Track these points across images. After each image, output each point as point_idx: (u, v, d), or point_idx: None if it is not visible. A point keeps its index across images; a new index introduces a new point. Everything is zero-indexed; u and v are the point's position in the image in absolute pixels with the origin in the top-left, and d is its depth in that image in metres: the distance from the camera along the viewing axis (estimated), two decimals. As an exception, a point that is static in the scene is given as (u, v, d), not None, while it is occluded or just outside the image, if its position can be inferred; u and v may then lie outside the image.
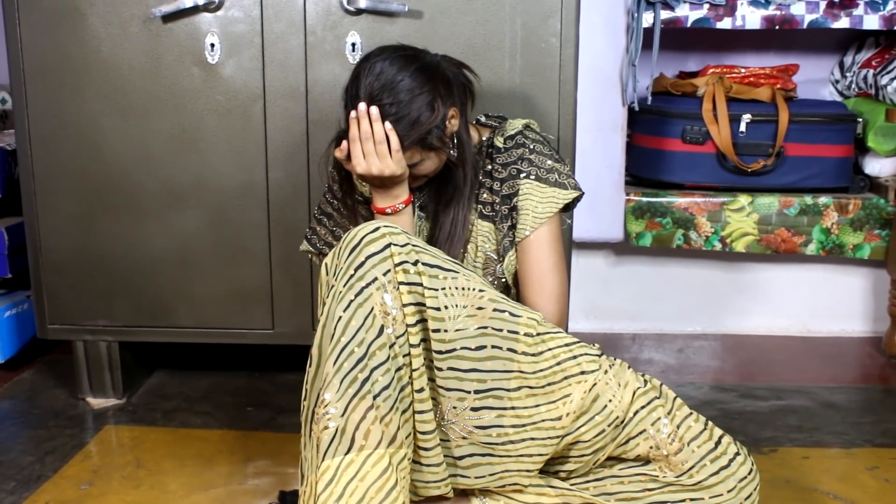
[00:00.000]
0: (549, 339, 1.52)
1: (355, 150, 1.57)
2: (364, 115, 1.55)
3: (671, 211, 2.57)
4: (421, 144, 1.60)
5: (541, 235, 1.68)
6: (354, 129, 1.56)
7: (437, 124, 1.59)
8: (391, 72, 1.57)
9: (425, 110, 1.58)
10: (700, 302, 2.81)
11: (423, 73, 1.59)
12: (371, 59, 1.60)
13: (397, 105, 1.56)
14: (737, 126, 2.55)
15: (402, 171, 1.60)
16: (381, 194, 1.64)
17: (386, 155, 1.57)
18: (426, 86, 1.58)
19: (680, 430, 1.55)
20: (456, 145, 1.66)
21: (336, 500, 1.40)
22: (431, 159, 1.64)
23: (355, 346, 1.43)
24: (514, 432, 1.52)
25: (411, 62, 1.59)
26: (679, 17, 2.50)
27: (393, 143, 1.56)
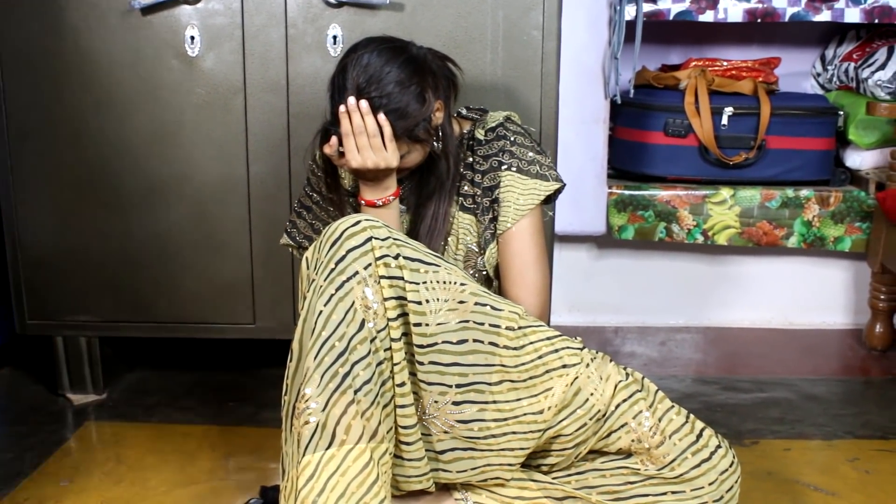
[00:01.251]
0: (531, 332, 1.52)
1: (349, 145, 1.56)
2: (354, 109, 1.54)
3: (653, 204, 2.57)
4: (408, 137, 1.59)
5: (522, 227, 1.68)
6: (346, 124, 1.55)
7: (424, 117, 1.59)
8: (378, 63, 1.56)
9: (413, 102, 1.57)
10: (682, 295, 2.81)
11: (411, 64, 1.58)
12: (358, 50, 1.59)
13: (386, 97, 1.55)
14: (719, 119, 2.55)
15: (397, 163, 1.59)
16: (371, 187, 1.63)
17: (380, 147, 1.56)
18: (414, 78, 1.58)
19: (661, 424, 1.55)
20: (440, 138, 1.65)
21: (317, 494, 1.39)
22: (417, 152, 1.63)
23: (336, 341, 1.43)
24: (495, 426, 1.51)
25: (399, 54, 1.58)
26: (661, 10, 2.50)
27: (387, 133, 1.55)
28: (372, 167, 1.57)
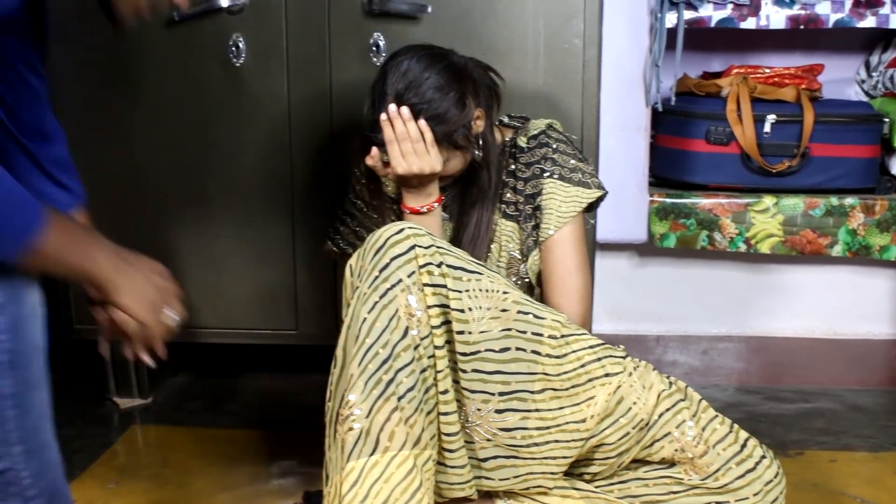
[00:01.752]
0: (574, 341, 1.52)
1: (394, 152, 1.57)
2: (396, 116, 1.55)
3: (695, 212, 2.55)
4: (447, 142, 1.60)
5: (564, 235, 1.68)
6: (389, 131, 1.56)
7: (464, 123, 1.59)
8: (418, 69, 1.57)
9: (452, 108, 1.58)
10: (725, 303, 2.79)
11: (451, 71, 1.59)
12: (398, 57, 1.60)
13: (426, 103, 1.56)
14: (761, 127, 2.52)
15: (441, 167, 1.60)
16: (414, 194, 1.64)
17: (424, 152, 1.57)
18: (453, 84, 1.59)
19: (705, 433, 1.54)
20: (481, 146, 1.66)
21: (361, 501, 1.40)
22: (457, 159, 1.64)
23: (380, 348, 1.43)
24: (538, 435, 1.51)
25: (438, 60, 1.60)
26: (703, 17, 2.48)
27: (428, 138, 1.56)
28: (417, 172, 1.57)
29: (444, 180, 1.68)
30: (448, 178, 1.68)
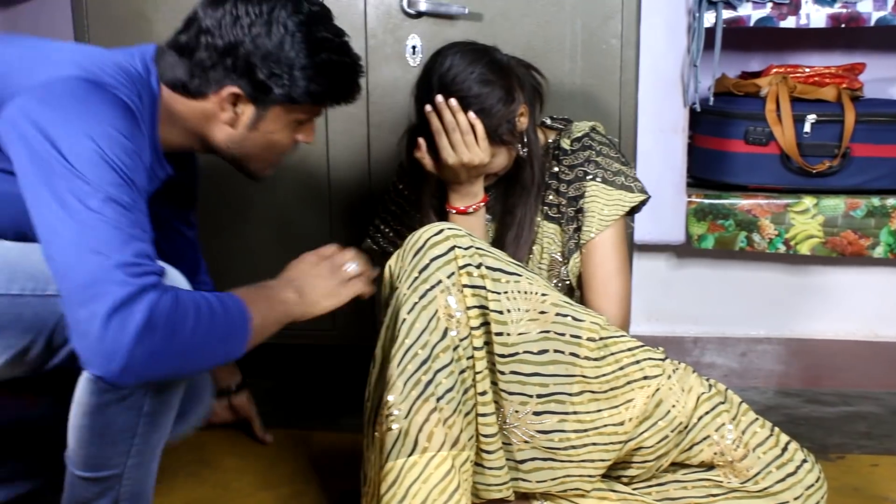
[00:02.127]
0: (612, 343, 1.51)
1: (442, 142, 1.58)
2: (444, 107, 1.56)
3: (734, 213, 2.53)
4: (492, 137, 1.60)
5: (606, 238, 1.68)
6: (436, 121, 1.57)
7: (508, 118, 1.60)
8: (463, 64, 1.58)
9: (497, 102, 1.59)
10: (764, 305, 2.76)
11: (495, 66, 1.60)
12: (443, 53, 1.61)
13: (473, 97, 1.57)
14: (801, 127, 2.50)
15: (489, 161, 1.60)
16: (460, 194, 1.65)
17: (474, 144, 1.58)
18: (499, 79, 1.60)
19: (745, 436, 1.53)
20: (525, 144, 1.66)
21: (399, 501, 1.40)
22: (501, 155, 1.64)
23: (419, 349, 1.44)
24: (575, 437, 1.51)
25: (483, 56, 1.61)
26: (741, 17, 2.46)
27: (479, 130, 1.57)
28: (467, 162, 1.58)
29: (487, 179, 1.68)
30: (492, 176, 1.68)
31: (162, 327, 1.15)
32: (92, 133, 1.20)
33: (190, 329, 1.18)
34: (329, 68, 1.39)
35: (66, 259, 1.15)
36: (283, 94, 1.37)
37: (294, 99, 1.38)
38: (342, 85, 1.43)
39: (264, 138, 1.44)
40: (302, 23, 1.35)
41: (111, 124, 1.23)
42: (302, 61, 1.36)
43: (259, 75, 1.35)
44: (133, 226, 1.18)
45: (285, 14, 1.34)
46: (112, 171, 1.20)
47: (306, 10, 1.36)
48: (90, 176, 1.18)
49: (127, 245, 1.16)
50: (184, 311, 1.18)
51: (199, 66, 1.36)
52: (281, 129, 1.44)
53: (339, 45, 1.40)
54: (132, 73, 1.37)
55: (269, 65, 1.34)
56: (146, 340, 1.13)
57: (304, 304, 1.41)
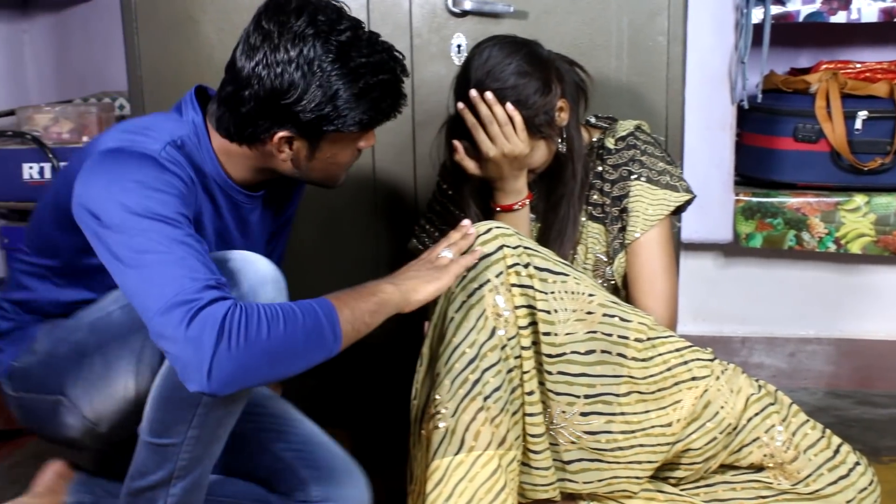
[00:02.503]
0: (660, 343, 1.50)
1: (480, 136, 1.57)
2: (479, 101, 1.55)
3: (782, 211, 2.50)
4: (529, 129, 1.59)
5: (651, 238, 1.66)
6: (471, 117, 1.57)
7: (545, 110, 1.59)
8: (500, 56, 1.58)
9: (533, 93, 1.58)
10: (813, 305, 2.72)
11: (533, 57, 1.60)
12: (481, 46, 1.62)
13: (509, 88, 1.56)
14: (852, 123, 2.46)
15: (529, 153, 1.59)
16: (504, 191, 1.64)
17: (513, 135, 1.57)
18: (537, 70, 1.59)
19: (795, 438, 1.51)
20: (566, 140, 1.65)
21: (445, 499, 1.41)
22: (539, 149, 1.63)
23: (467, 347, 1.44)
24: (623, 438, 1.50)
25: (520, 48, 1.60)
26: (790, 12, 2.43)
27: (517, 122, 1.57)
28: (508, 153, 1.57)
29: (528, 175, 1.67)
30: (532, 172, 1.67)
31: (237, 333, 1.20)
32: (116, 195, 1.31)
33: (266, 334, 1.23)
34: (371, 92, 1.39)
35: (139, 301, 1.26)
36: (332, 129, 1.40)
37: (344, 129, 1.41)
38: (388, 103, 1.43)
39: (326, 163, 1.48)
40: (335, 59, 1.36)
41: (131, 178, 1.32)
42: (343, 95, 1.37)
43: (304, 118, 1.38)
44: (182, 253, 1.26)
45: (315, 54, 1.35)
46: (141, 217, 1.28)
47: (335, 44, 1.36)
48: (127, 228, 1.28)
49: (182, 269, 1.24)
50: (258, 317, 1.23)
51: (246, 118, 1.40)
52: (340, 151, 1.47)
53: (375, 65, 1.39)
54: (172, 123, 1.47)
55: (312, 106, 1.37)
56: (224, 345, 1.19)
57: (402, 292, 1.40)
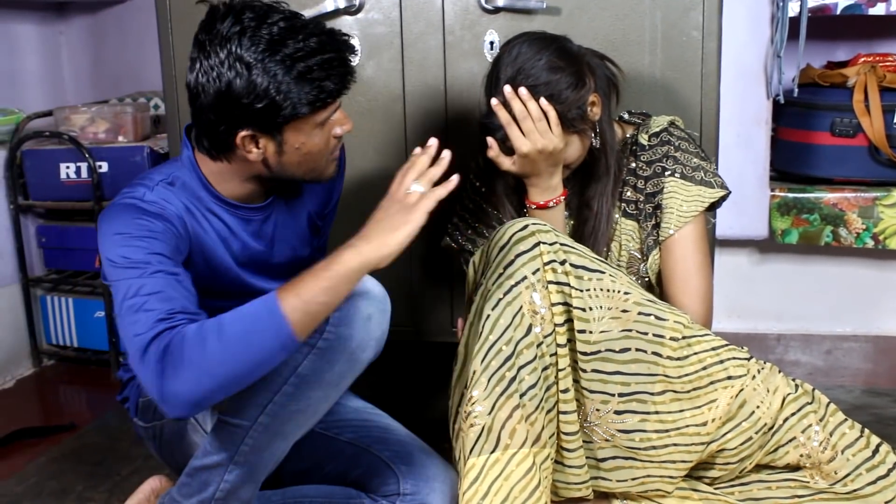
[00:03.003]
0: (696, 342, 1.49)
1: (514, 133, 1.57)
2: (513, 97, 1.55)
3: (819, 207, 2.47)
4: (563, 123, 1.58)
5: (686, 234, 1.65)
6: (504, 113, 1.56)
7: (578, 104, 1.58)
8: (530, 53, 1.58)
9: (565, 88, 1.57)
10: (850, 301, 2.69)
11: (563, 52, 1.60)
12: (511, 43, 1.61)
13: (542, 84, 1.56)
14: (891, 117, 2.42)
15: (563, 146, 1.59)
16: (539, 188, 1.63)
17: (547, 130, 1.56)
18: (568, 66, 1.58)
19: (833, 438, 1.49)
20: (598, 134, 1.64)
21: (481, 498, 1.40)
22: (573, 144, 1.62)
23: (503, 345, 1.43)
24: (657, 437, 1.49)
25: (551, 43, 1.60)
26: (828, 5, 2.40)
27: (552, 117, 1.56)
28: (543, 149, 1.56)
29: (563, 171, 1.67)
30: (566, 168, 1.66)
31: (176, 358, 1.27)
32: (103, 252, 1.43)
33: (202, 350, 1.27)
34: (311, 73, 1.41)
35: None
36: (285, 116, 1.42)
37: (296, 115, 1.43)
38: (334, 80, 1.44)
39: (298, 153, 1.49)
40: (265, 49, 1.39)
41: (113, 232, 1.43)
42: (284, 80, 1.39)
43: (255, 111, 1.41)
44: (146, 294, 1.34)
45: (243, 49, 1.39)
46: (118, 268, 1.39)
47: (265, 36, 1.39)
48: (112, 281, 1.40)
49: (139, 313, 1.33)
50: (193, 337, 1.28)
51: (209, 128, 1.45)
52: (307, 139, 1.48)
53: (312, 48, 1.41)
54: (171, 164, 1.58)
55: (256, 97, 1.39)
56: (168, 372, 1.26)
57: (364, 254, 1.39)
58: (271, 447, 1.47)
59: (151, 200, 1.47)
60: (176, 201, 1.50)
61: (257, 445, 1.46)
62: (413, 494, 1.56)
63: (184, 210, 1.50)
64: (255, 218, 1.61)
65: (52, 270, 2.89)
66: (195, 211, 1.52)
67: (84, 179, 2.66)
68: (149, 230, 1.42)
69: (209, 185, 1.55)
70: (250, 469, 1.48)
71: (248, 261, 1.61)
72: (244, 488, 1.49)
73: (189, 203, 1.52)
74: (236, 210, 1.58)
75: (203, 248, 1.54)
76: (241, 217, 1.59)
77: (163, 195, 1.49)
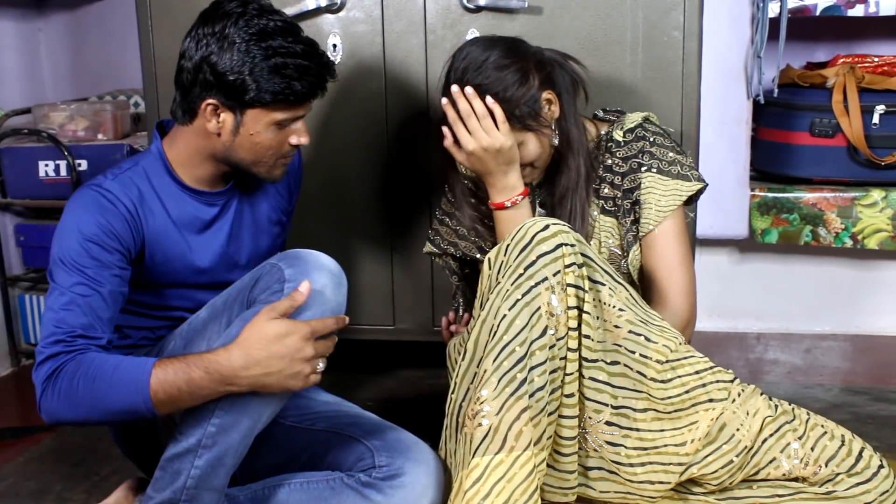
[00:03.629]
0: (679, 366, 1.49)
1: (460, 131, 1.59)
2: (459, 95, 1.57)
3: (798, 207, 2.49)
4: (512, 120, 1.60)
5: (666, 229, 1.65)
6: (451, 112, 1.59)
7: (526, 100, 1.59)
8: (478, 52, 1.61)
9: (512, 84, 1.59)
10: (829, 301, 2.71)
11: (511, 50, 1.62)
12: (463, 47, 1.65)
13: (488, 82, 1.58)
14: (869, 118, 2.44)
15: (512, 144, 1.60)
16: (496, 188, 1.64)
17: (492, 128, 1.58)
18: (513, 63, 1.60)
19: (814, 453, 1.48)
20: (560, 133, 1.65)
21: (482, 498, 1.40)
22: (529, 143, 1.63)
23: (517, 346, 1.43)
24: (635, 455, 1.49)
25: (500, 43, 1.63)
26: (807, 6, 2.41)
27: (498, 115, 1.58)
28: (488, 146, 1.58)
29: (530, 173, 1.67)
30: (529, 167, 1.67)
31: (57, 387, 1.42)
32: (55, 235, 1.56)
33: (83, 386, 1.41)
34: (285, 69, 1.50)
35: None
36: (250, 98, 1.51)
37: (260, 100, 1.51)
38: (302, 85, 1.52)
39: (249, 141, 1.56)
40: (254, 35, 1.50)
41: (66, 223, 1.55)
42: (259, 65, 1.49)
43: (225, 83, 1.51)
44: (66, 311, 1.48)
45: (235, 29, 1.50)
46: (56, 262, 1.53)
47: (259, 26, 1.51)
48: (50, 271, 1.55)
49: (51, 323, 1.47)
50: (76, 374, 1.42)
51: (183, 89, 1.57)
52: (262, 131, 1.55)
53: (294, 52, 1.51)
54: (138, 156, 1.67)
55: (231, 74, 1.50)
56: (48, 393, 1.43)
57: (249, 375, 1.41)
58: (238, 426, 1.46)
59: (108, 189, 1.57)
60: (134, 188, 1.60)
61: (223, 425, 1.45)
62: (388, 466, 1.55)
63: (140, 198, 1.59)
64: (216, 203, 1.68)
65: (31, 269, 2.86)
66: (155, 196, 1.62)
67: (63, 177, 2.64)
68: (97, 227, 1.53)
69: (172, 171, 1.64)
70: (219, 453, 1.46)
71: (205, 249, 1.66)
72: (214, 474, 1.47)
73: (149, 189, 1.61)
74: (197, 195, 1.65)
75: (157, 236, 1.61)
76: (201, 202, 1.66)
77: (124, 182, 1.59)
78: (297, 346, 1.41)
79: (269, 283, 1.49)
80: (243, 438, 1.48)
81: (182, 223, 1.64)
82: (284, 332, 1.40)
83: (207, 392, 1.42)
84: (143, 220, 1.59)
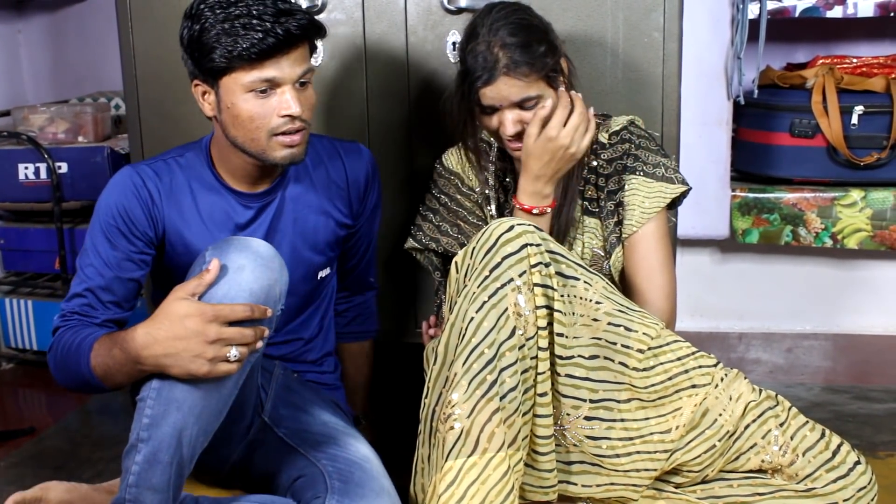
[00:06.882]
0: (661, 353, 1.49)
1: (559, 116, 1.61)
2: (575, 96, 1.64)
3: (779, 207, 2.50)
4: (545, 74, 1.61)
5: (648, 231, 1.66)
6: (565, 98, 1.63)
7: (556, 59, 1.62)
8: (507, 10, 1.62)
9: (546, 42, 1.61)
10: (810, 300, 2.72)
11: (537, 17, 1.65)
12: (483, 9, 1.65)
13: (521, 33, 1.59)
14: (848, 118, 2.46)
15: (582, 157, 1.64)
16: (528, 192, 1.64)
17: (584, 134, 1.62)
18: (542, 26, 1.63)
19: (794, 441, 1.50)
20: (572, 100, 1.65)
21: (457, 501, 1.39)
22: (549, 100, 1.62)
23: (486, 348, 1.42)
24: (621, 446, 1.49)
25: (524, 9, 1.65)
26: (787, 7, 2.43)
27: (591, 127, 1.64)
28: (568, 145, 1.60)
29: None
30: None
31: (51, 351, 1.56)
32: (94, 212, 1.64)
33: (56, 357, 1.55)
34: (234, 29, 1.48)
35: None
36: (211, 66, 1.51)
37: (218, 65, 1.51)
38: (248, 38, 1.48)
39: (231, 115, 1.55)
40: (213, 6, 1.51)
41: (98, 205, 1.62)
42: (214, 31, 1.50)
43: (195, 60, 1.54)
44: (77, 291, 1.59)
45: (204, 6, 1.52)
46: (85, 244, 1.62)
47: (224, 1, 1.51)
48: None
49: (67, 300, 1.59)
50: (59, 344, 1.53)
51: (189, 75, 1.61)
52: (238, 102, 1.53)
53: (248, 13, 1.49)
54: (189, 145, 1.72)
55: (198, 46, 1.52)
56: (50, 363, 1.57)
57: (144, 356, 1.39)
58: (167, 418, 1.38)
59: (139, 173, 1.62)
60: (167, 176, 1.64)
61: (154, 416, 1.38)
62: None
63: (169, 188, 1.63)
64: (251, 205, 1.67)
65: (11, 273, 2.84)
66: (187, 188, 1.64)
67: (43, 180, 2.63)
68: (115, 209, 1.59)
69: (212, 165, 1.66)
70: (154, 447, 1.38)
71: None
72: (152, 471, 1.39)
73: (183, 179, 1.64)
74: (232, 194, 1.66)
75: (180, 227, 1.63)
76: (236, 201, 1.66)
77: (159, 169, 1.64)
78: (197, 329, 1.34)
79: (197, 265, 1.45)
80: (176, 433, 1.39)
81: (211, 219, 1.64)
82: (185, 312, 1.35)
83: (127, 369, 1.42)
84: (164, 209, 1.62)
